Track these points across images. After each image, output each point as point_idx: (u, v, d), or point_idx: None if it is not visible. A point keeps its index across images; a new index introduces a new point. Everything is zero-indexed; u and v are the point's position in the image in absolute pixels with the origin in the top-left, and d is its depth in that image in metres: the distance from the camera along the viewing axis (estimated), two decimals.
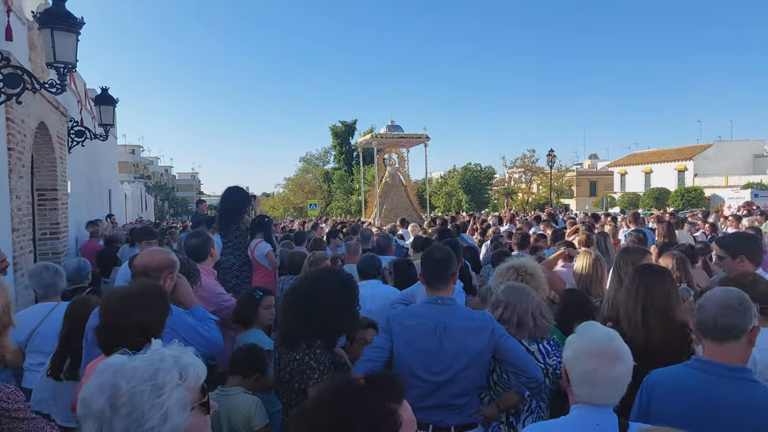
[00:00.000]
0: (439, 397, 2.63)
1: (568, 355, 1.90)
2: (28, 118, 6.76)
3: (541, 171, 45.18)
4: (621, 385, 1.84)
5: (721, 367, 2.03)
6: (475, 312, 2.84)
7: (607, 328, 1.99)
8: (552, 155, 29.91)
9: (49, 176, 8.16)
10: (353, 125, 51.91)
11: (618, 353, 1.84)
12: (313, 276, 3.07)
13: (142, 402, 1.25)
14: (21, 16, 6.88)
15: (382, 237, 6.94)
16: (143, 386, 1.26)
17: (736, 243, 3.65)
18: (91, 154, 11.88)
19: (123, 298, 2.29)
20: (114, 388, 1.26)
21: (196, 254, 4.00)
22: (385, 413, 1.28)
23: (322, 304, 2.67)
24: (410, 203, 19.08)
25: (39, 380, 3.47)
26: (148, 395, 1.26)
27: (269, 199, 61.05)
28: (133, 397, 1.25)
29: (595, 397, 1.85)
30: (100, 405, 1.25)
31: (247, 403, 2.94)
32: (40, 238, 7.95)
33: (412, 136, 18.67)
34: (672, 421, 1.93)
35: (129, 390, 1.25)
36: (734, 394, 1.99)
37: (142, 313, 2.21)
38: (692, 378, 2.09)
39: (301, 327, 2.65)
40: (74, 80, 10.26)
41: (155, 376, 1.29)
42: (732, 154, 42.31)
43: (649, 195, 39.38)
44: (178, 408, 1.29)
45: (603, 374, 1.82)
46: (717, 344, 2.05)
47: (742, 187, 34.57)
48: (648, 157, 48.30)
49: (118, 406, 1.25)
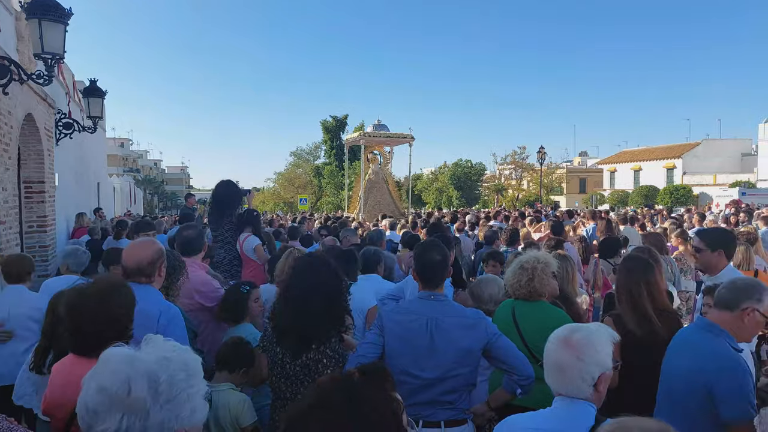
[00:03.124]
0: (430, 394, 2.63)
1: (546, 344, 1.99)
2: (14, 110, 6.66)
3: (531, 168, 45.34)
4: (569, 374, 1.85)
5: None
6: (467, 309, 2.84)
7: (587, 324, 2.04)
8: (542, 152, 30.04)
9: (37, 169, 8.06)
10: (344, 120, 51.68)
11: (568, 341, 1.88)
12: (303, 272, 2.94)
13: (180, 391, 1.19)
14: (8, 6, 6.78)
15: (373, 232, 6.95)
16: (180, 375, 1.20)
17: (717, 238, 3.77)
18: (80, 146, 11.75)
19: (97, 293, 2.16)
20: (152, 375, 1.18)
21: (190, 247, 3.94)
22: (389, 401, 1.30)
23: (315, 301, 2.65)
24: (392, 200, 19.74)
25: (21, 374, 3.43)
26: (184, 384, 1.20)
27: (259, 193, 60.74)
28: (172, 385, 1.19)
29: (552, 385, 1.92)
30: (139, 393, 1.16)
31: (235, 400, 2.92)
32: (27, 231, 7.85)
33: (398, 135, 19.42)
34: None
35: (168, 378, 1.18)
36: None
37: (118, 308, 2.13)
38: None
39: (312, 330, 2.63)
40: (62, 72, 10.12)
41: (187, 365, 1.23)
42: (720, 152, 42.78)
43: (638, 192, 39.70)
44: (204, 400, 1.25)
45: (549, 358, 1.92)
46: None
47: (730, 185, 34.99)
48: (637, 154, 48.69)
49: (158, 394, 1.17)
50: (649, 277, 3.15)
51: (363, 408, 1.23)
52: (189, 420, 1.21)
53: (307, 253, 3.28)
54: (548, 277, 3.34)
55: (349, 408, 1.22)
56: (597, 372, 1.85)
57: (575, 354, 1.85)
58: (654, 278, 3.17)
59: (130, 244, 3.03)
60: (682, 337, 2.63)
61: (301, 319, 2.64)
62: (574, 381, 1.85)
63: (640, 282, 3.11)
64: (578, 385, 1.85)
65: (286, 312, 2.72)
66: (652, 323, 3.00)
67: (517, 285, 3.33)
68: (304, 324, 2.64)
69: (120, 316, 2.13)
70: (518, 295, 3.35)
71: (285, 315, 2.72)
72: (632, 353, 2.77)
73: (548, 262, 3.40)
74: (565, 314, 3.32)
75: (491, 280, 4.10)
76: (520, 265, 3.37)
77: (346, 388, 1.28)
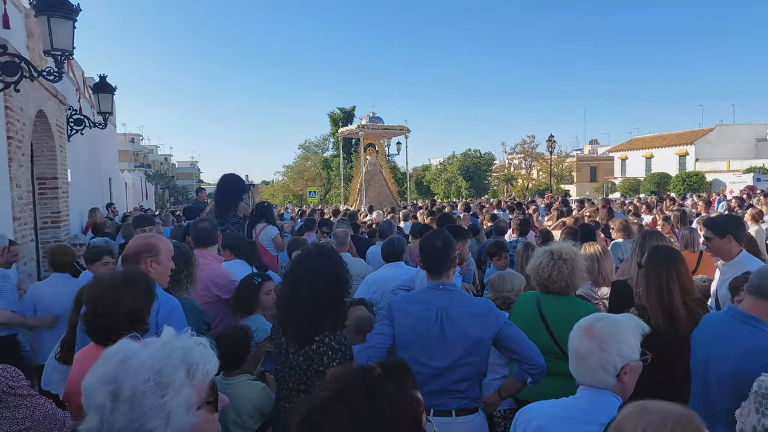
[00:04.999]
0: (440, 383, 2.65)
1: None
2: (26, 107, 6.73)
3: (541, 157, 45.03)
4: (590, 363, 1.83)
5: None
6: (477, 298, 2.85)
7: (616, 315, 1.99)
8: (552, 141, 29.83)
9: (49, 165, 8.14)
10: (352, 112, 51.52)
11: (590, 330, 1.86)
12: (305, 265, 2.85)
13: (143, 402, 1.18)
14: (18, 3, 6.83)
15: (383, 223, 6.97)
16: (145, 386, 1.19)
17: (723, 224, 3.77)
18: (91, 142, 11.85)
19: (110, 284, 2.24)
20: (117, 381, 1.19)
21: (205, 239, 3.97)
22: (409, 399, 1.28)
23: (315, 291, 2.60)
24: (390, 192, 19.98)
25: (48, 362, 3.55)
26: (150, 395, 1.18)
27: (269, 186, 60.94)
28: (134, 396, 1.18)
29: (576, 374, 1.90)
30: (100, 399, 1.19)
31: (256, 390, 2.97)
32: (42, 227, 7.95)
33: (394, 127, 19.67)
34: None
35: (130, 388, 1.18)
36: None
37: (130, 299, 2.17)
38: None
39: (312, 321, 2.59)
40: (72, 68, 10.20)
41: (160, 374, 1.21)
42: (734, 138, 42.16)
43: (650, 180, 39.32)
44: (183, 409, 1.22)
45: (572, 347, 1.90)
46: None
47: (744, 171, 34.52)
48: (649, 141, 48.13)
49: (119, 403, 1.18)
50: (680, 267, 2.97)
51: (381, 403, 1.20)
52: (163, 429, 1.19)
53: (311, 243, 3.26)
54: (582, 270, 3.23)
55: (366, 402, 1.20)
56: (620, 362, 1.82)
57: (596, 343, 1.83)
58: (681, 267, 2.98)
59: (135, 236, 3.10)
60: (717, 330, 2.48)
61: (300, 309, 2.61)
62: (595, 370, 1.83)
63: (671, 274, 2.92)
64: (600, 375, 1.83)
65: (286, 302, 2.70)
66: (678, 318, 2.85)
67: (556, 277, 3.11)
68: (303, 314, 2.60)
69: (132, 307, 2.16)
70: (553, 287, 3.14)
71: (286, 305, 2.71)
72: (653, 346, 2.71)
73: (579, 254, 3.32)
74: (595, 308, 3.22)
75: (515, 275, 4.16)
76: (559, 255, 3.14)
77: (365, 382, 1.26)
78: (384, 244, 4.95)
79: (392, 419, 1.20)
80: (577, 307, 3.05)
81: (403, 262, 4.69)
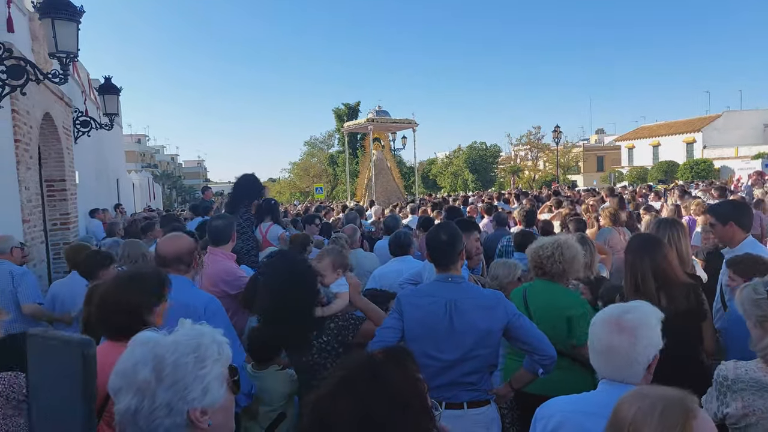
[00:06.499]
0: (451, 375, 2.64)
1: (590, 327, 1.91)
2: (33, 110, 6.77)
3: (547, 147, 44.81)
4: (624, 358, 1.76)
5: None
6: (486, 290, 2.83)
7: (634, 303, 1.95)
8: (558, 131, 29.68)
9: (57, 167, 8.19)
10: (356, 107, 51.43)
11: (621, 323, 1.79)
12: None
13: (186, 373, 1.25)
14: (22, 6, 6.85)
15: (389, 217, 6.96)
16: (187, 358, 1.27)
17: (726, 210, 3.75)
18: (98, 144, 11.91)
19: (113, 282, 2.29)
20: (158, 358, 1.26)
21: (219, 237, 4.00)
22: (413, 380, 1.33)
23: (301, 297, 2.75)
24: (396, 186, 19.91)
25: None
26: (192, 367, 1.26)
27: (275, 184, 61.05)
28: (177, 368, 1.25)
29: (601, 369, 1.85)
30: (144, 375, 1.24)
31: (286, 379, 3.09)
32: (51, 229, 8.02)
33: (401, 121, 19.48)
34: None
35: (173, 361, 1.25)
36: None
37: (132, 298, 2.18)
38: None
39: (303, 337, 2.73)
40: (77, 70, 10.24)
41: (198, 348, 1.29)
42: (742, 124, 41.74)
43: (658, 168, 39.04)
44: (218, 382, 1.31)
45: (600, 342, 1.82)
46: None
47: (753, 157, 34.10)
48: (656, 130, 47.75)
49: (163, 376, 1.24)
50: (655, 254, 2.99)
51: (387, 385, 1.26)
52: (200, 401, 1.26)
53: (276, 251, 3.36)
54: (581, 263, 3.32)
55: (373, 386, 1.25)
56: (653, 353, 1.78)
57: (628, 336, 1.76)
58: (662, 255, 3.01)
59: (166, 236, 3.18)
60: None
61: (280, 331, 2.75)
62: (631, 365, 1.76)
63: (644, 261, 2.98)
64: (633, 369, 1.77)
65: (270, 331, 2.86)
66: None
67: (558, 257, 3.21)
68: (286, 336, 2.75)
69: (138, 304, 2.17)
70: (550, 269, 3.24)
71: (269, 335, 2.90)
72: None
73: (581, 251, 3.38)
74: (577, 294, 3.29)
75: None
76: (566, 243, 3.27)
77: (370, 367, 1.31)
78: (390, 238, 4.96)
79: (399, 400, 1.25)
80: (559, 294, 3.20)
81: (411, 256, 4.69)
